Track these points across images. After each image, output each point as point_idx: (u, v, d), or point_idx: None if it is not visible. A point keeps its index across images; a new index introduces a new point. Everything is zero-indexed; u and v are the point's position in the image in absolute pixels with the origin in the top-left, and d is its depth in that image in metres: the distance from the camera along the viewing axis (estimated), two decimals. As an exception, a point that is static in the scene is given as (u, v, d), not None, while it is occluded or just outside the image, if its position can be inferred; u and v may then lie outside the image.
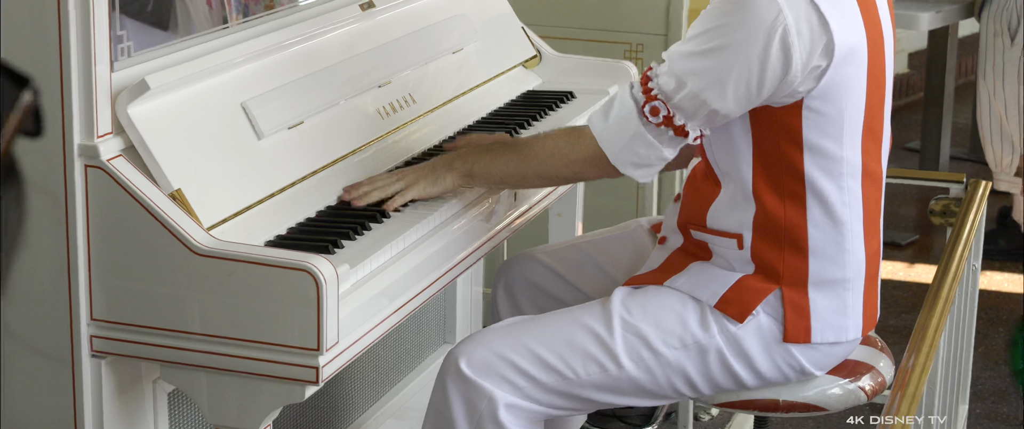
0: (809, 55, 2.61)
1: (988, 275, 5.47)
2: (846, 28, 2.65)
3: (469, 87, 3.44)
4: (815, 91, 2.67)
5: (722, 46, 2.62)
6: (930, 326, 2.79)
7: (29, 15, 2.47)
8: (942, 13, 5.66)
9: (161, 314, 2.51)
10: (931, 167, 6.41)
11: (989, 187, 3.62)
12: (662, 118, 2.67)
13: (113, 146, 2.50)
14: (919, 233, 5.90)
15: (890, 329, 4.87)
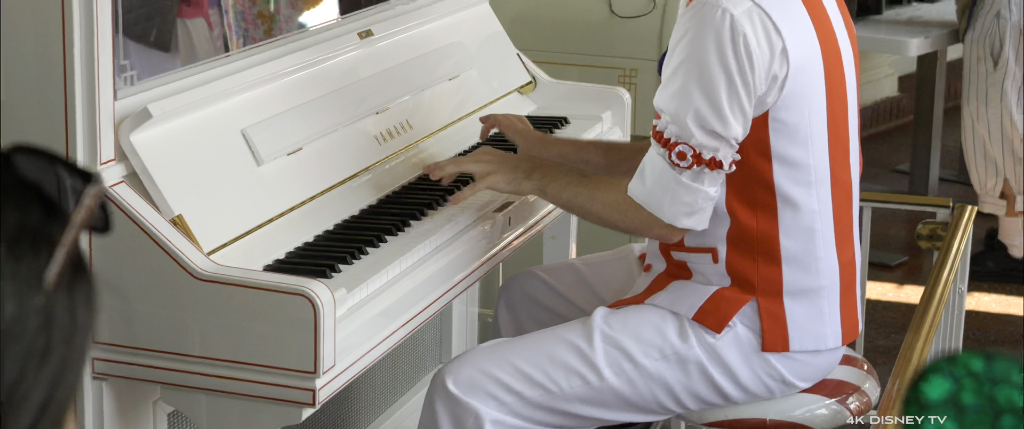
0: (767, 61, 2.67)
1: (976, 296, 5.48)
2: (799, 37, 2.71)
3: (465, 113, 3.45)
4: (779, 102, 2.71)
5: (703, 74, 2.66)
6: (915, 349, 2.81)
7: (33, 45, 2.49)
8: (930, 39, 5.68)
9: (162, 337, 2.52)
10: (921, 189, 6.42)
11: (975, 212, 3.63)
12: (691, 158, 2.68)
13: (116, 173, 2.52)
14: (908, 254, 5.91)
15: (880, 349, 4.89)
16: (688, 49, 2.68)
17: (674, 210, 2.73)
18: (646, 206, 2.75)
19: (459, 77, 3.49)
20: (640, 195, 2.75)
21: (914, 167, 6.53)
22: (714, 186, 2.73)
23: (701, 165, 2.68)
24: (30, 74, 2.51)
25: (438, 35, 3.49)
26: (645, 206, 2.75)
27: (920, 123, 6.48)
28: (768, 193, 2.78)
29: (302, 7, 3.33)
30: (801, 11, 2.74)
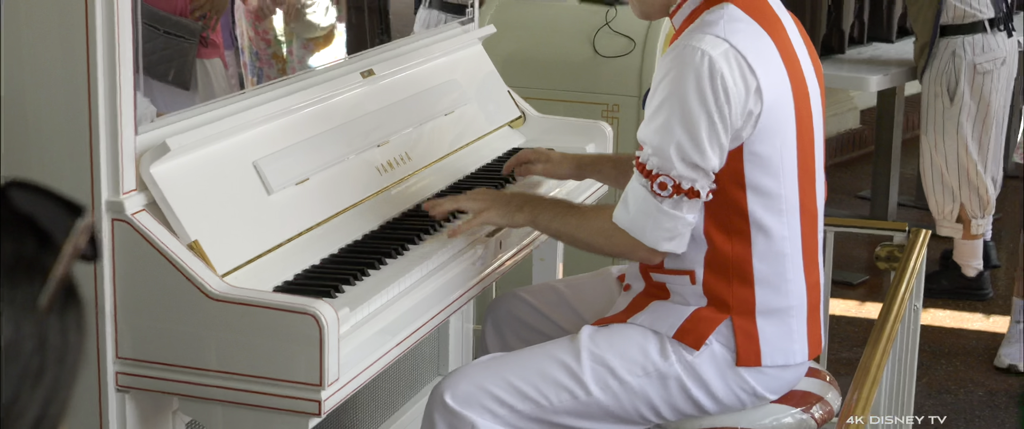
0: (743, 99, 2.67)
1: (932, 312, 5.48)
2: (771, 76, 2.72)
3: (460, 145, 3.45)
4: (753, 136, 2.71)
5: (683, 109, 2.66)
6: (873, 362, 2.81)
7: (62, 86, 2.49)
8: (889, 75, 5.69)
9: (180, 352, 2.52)
10: (881, 214, 6.43)
11: (928, 235, 3.64)
12: (672, 188, 2.68)
13: (137, 202, 2.51)
14: (870, 274, 5.92)
15: (843, 361, 4.88)
16: (670, 88, 2.68)
17: (656, 235, 2.72)
18: (630, 231, 2.74)
19: (455, 112, 3.49)
20: (625, 222, 2.75)
21: (875, 193, 6.54)
22: (692, 213, 2.72)
23: (680, 194, 2.68)
24: (59, 111, 2.51)
25: (435, 74, 3.49)
26: (629, 231, 2.74)
27: (880, 153, 6.49)
28: (742, 220, 2.78)
29: (313, 48, 3.34)
30: (773, 52, 2.74)
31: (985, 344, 5.27)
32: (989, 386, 4.93)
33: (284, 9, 3.27)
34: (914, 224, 3.89)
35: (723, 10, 2.73)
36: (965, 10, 5.30)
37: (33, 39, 2.50)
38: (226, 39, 3.13)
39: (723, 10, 2.73)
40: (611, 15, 4.44)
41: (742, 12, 2.73)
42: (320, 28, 3.35)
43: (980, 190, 5.57)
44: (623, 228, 2.75)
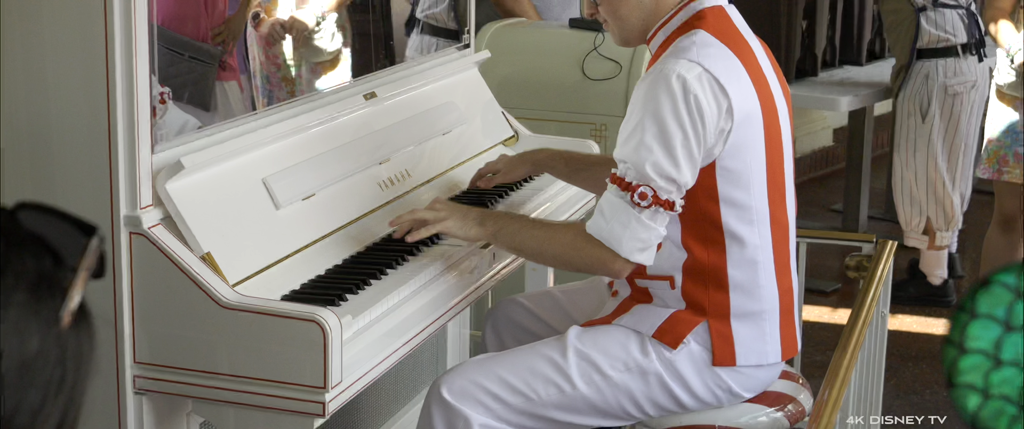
0: (716, 117, 2.68)
1: (900, 318, 5.49)
2: (742, 96, 2.72)
3: (457, 163, 3.45)
4: (725, 152, 2.72)
5: (659, 128, 2.67)
6: (842, 365, 2.81)
7: (84, 108, 2.50)
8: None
9: (194, 357, 2.52)
10: (852, 226, 6.43)
11: (895, 246, 3.64)
12: (651, 199, 2.68)
13: (153, 216, 2.52)
14: (842, 282, 5.92)
15: (817, 364, 4.88)
16: (647, 108, 2.69)
17: (631, 245, 2.71)
18: (606, 242, 2.72)
19: (452, 132, 3.49)
20: (601, 231, 2.73)
21: (846, 207, 6.54)
22: (663, 226, 2.72)
23: (658, 205, 2.68)
24: (81, 133, 2.51)
25: (434, 96, 3.50)
26: (605, 242, 2.72)
27: (851, 169, 6.50)
28: (717, 231, 2.79)
29: (320, 72, 3.35)
30: (743, 74, 2.75)
31: (950, 348, 5.26)
32: (953, 387, 4.92)
33: (293, 35, 3.27)
34: (882, 236, 3.89)
35: (695, 36, 2.74)
36: (940, 36, 5.32)
37: (57, 67, 2.51)
38: (240, 63, 3.14)
39: (695, 36, 2.74)
40: (599, 41, 4.44)
41: (713, 37, 2.75)
42: (326, 53, 3.35)
43: (946, 205, 5.58)
44: (598, 238, 2.73)
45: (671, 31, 2.80)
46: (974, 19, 5.40)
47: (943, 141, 5.47)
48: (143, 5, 2.46)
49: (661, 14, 2.82)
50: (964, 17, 5.35)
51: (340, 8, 3.38)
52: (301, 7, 3.27)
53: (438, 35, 3.82)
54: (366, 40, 3.57)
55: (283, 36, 3.25)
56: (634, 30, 2.87)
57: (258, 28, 3.20)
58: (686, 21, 2.79)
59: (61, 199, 2.54)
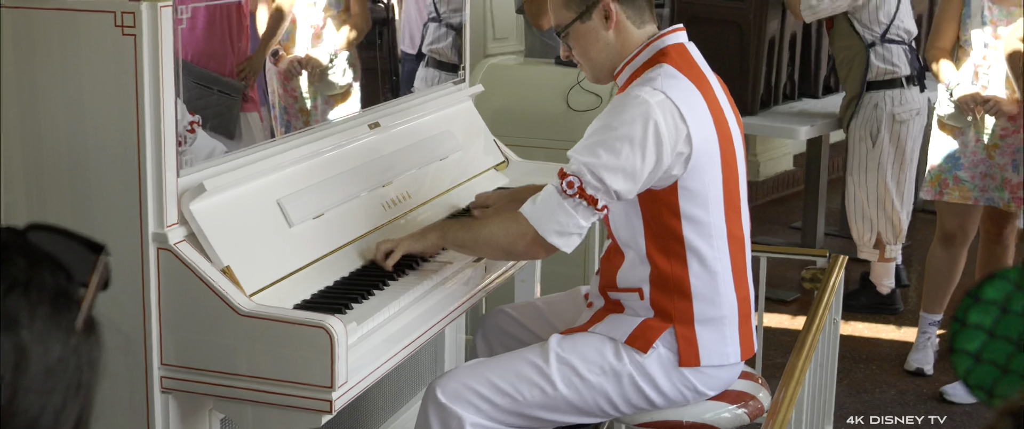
0: (675, 142, 2.68)
1: (852, 324, 5.48)
2: (700, 124, 2.73)
3: (453, 185, 3.45)
4: (685, 174, 2.73)
5: (610, 140, 2.67)
6: (797, 367, 2.82)
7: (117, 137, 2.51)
8: (816, 126, 5.70)
9: (214, 360, 2.53)
10: (810, 242, 6.42)
11: (846, 260, 3.64)
12: (577, 189, 2.68)
13: (178, 233, 2.52)
14: (800, 292, 5.92)
15: (778, 366, 4.87)
16: (607, 121, 2.71)
17: (549, 226, 2.71)
18: (529, 219, 2.73)
19: (449, 157, 3.50)
20: (528, 211, 2.74)
21: (805, 225, 6.53)
22: (586, 220, 2.71)
23: (582, 198, 2.68)
24: (114, 159, 2.52)
25: (432, 125, 3.50)
26: (529, 219, 2.73)
27: (809, 191, 6.49)
28: (679, 245, 2.79)
29: (333, 103, 3.35)
30: (702, 105, 2.76)
31: (897, 351, 5.27)
32: (900, 387, 4.93)
33: (308, 71, 3.28)
34: (836, 251, 3.89)
35: (661, 68, 2.75)
36: (887, 68, 5.33)
37: (93, 101, 2.51)
38: (261, 96, 3.14)
39: (661, 68, 2.75)
40: (581, 76, 4.45)
41: (677, 70, 2.76)
42: (338, 87, 3.36)
43: (894, 221, 5.59)
44: (525, 217, 2.74)
45: (636, 67, 2.81)
46: (916, 53, 5.42)
47: (892, 164, 5.48)
48: (169, 46, 2.47)
49: (626, 53, 2.83)
50: (908, 52, 5.36)
51: (350, 47, 3.38)
52: (316, 46, 3.27)
53: (442, 69, 3.83)
54: (373, 75, 3.58)
55: (300, 72, 3.25)
56: (603, 69, 2.88)
57: (277, 64, 3.20)
58: (651, 57, 2.80)
59: (97, 218, 2.55)
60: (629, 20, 2.81)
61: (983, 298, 1.23)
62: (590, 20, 2.81)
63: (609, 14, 2.79)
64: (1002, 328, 1.21)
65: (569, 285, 3.57)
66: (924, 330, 5.10)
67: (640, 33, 2.83)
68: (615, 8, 2.79)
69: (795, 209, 7.26)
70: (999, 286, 1.23)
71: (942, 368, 5.07)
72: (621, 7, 2.79)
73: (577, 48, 2.86)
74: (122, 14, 2.43)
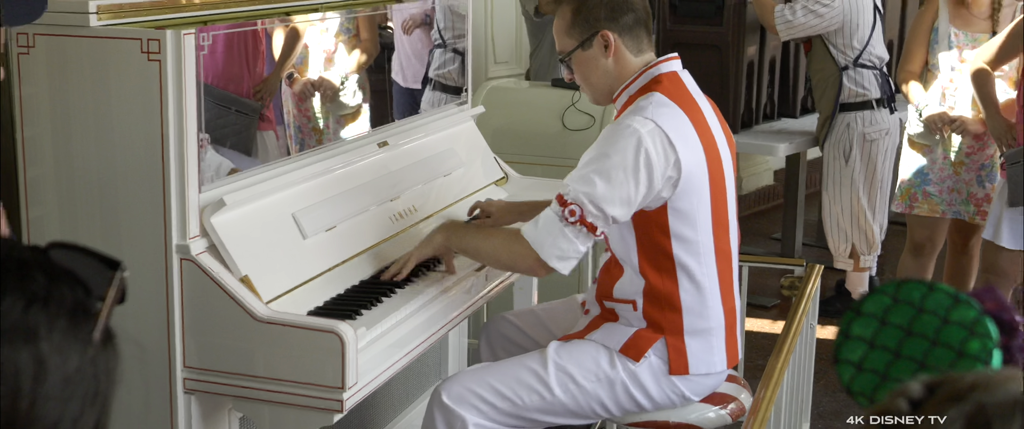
0: (664, 168, 2.68)
1: (828, 329, 5.46)
2: (688, 150, 2.72)
3: (456, 200, 3.45)
4: (674, 196, 2.71)
5: (605, 168, 2.67)
6: (776, 368, 2.81)
7: (143, 155, 2.51)
8: (794, 144, 5.70)
9: (234, 362, 2.53)
10: (789, 252, 6.42)
11: (821, 269, 3.64)
12: (578, 218, 2.67)
13: (200, 245, 2.52)
14: (780, 299, 5.91)
15: (758, 367, 4.85)
16: (602, 150, 2.70)
17: (550, 251, 2.70)
18: (532, 243, 2.71)
19: (452, 173, 3.50)
20: (530, 235, 2.73)
21: (784, 236, 6.53)
22: (584, 245, 2.70)
23: (583, 226, 2.67)
24: (141, 176, 2.52)
25: (436, 144, 3.50)
26: (531, 243, 2.72)
27: (788, 204, 6.49)
28: (669, 262, 2.78)
29: (344, 123, 3.35)
30: (691, 130, 2.75)
31: (870, 353, 5.25)
32: (873, 386, 4.91)
33: (321, 92, 3.28)
34: (813, 260, 3.89)
35: (652, 97, 2.75)
36: (858, 91, 5.33)
37: (121, 122, 2.52)
38: (276, 116, 3.15)
39: (652, 97, 2.75)
40: (576, 97, 4.46)
41: (667, 98, 2.75)
42: (349, 107, 3.36)
43: (867, 233, 5.58)
44: (527, 240, 2.73)
45: (633, 92, 2.81)
46: (886, 77, 5.42)
47: (863, 180, 5.48)
48: (191, 71, 2.47)
49: (624, 78, 2.83)
50: (878, 76, 5.36)
51: (360, 70, 3.39)
52: (328, 69, 3.28)
53: (447, 91, 3.84)
54: (382, 97, 3.58)
55: (313, 93, 3.26)
56: (602, 92, 2.88)
57: (292, 86, 3.21)
58: (645, 84, 2.80)
59: (124, 231, 2.55)
60: (627, 48, 2.81)
61: (864, 312, 1.26)
62: (591, 48, 2.82)
63: (608, 43, 2.80)
64: (881, 338, 1.24)
65: (565, 292, 3.57)
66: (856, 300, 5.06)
67: (637, 60, 2.83)
68: (613, 37, 2.79)
69: (775, 221, 7.26)
70: (878, 300, 1.25)
71: (912, 369, 5.05)
72: (619, 37, 2.80)
73: (579, 73, 2.87)
74: (148, 41, 2.44)
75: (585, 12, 2.81)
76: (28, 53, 2.55)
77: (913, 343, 1.22)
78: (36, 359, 0.86)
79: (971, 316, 1.19)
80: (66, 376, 0.88)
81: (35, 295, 0.88)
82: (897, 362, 1.22)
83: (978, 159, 4.84)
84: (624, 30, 2.81)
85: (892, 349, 1.22)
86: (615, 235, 2.82)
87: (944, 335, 1.20)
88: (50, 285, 0.90)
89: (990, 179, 4.84)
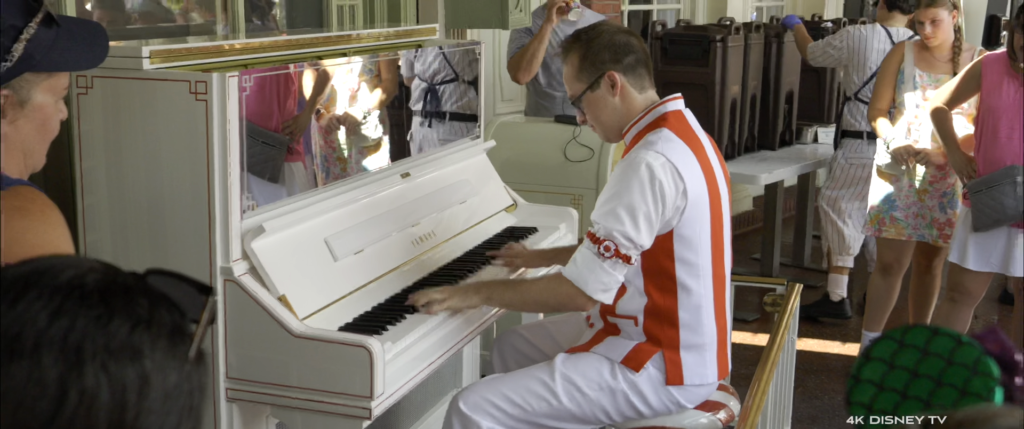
0: (674, 197, 2.68)
1: (804, 341, 5.45)
2: (694, 181, 2.72)
3: (470, 225, 3.45)
4: (680, 223, 2.71)
5: (629, 202, 2.67)
6: (762, 379, 2.80)
7: (189, 186, 2.51)
8: (773, 174, 5.70)
9: (272, 373, 2.52)
10: (767, 271, 6.42)
11: (801, 287, 3.63)
12: (613, 252, 2.68)
13: (242, 267, 2.52)
14: (760, 313, 5.90)
15: (743, 376, 4.84)
16: (621, 185, 2.69)
17: (595, 286, 2.70)
18: (576, 282, 2.71)
19: (467, 201, 3.50)
20: (573, 274, 2.73)
21: (763, 256, 6.53)
22: (621, 274, 2.71)
23: (618, 258, 2.68)
24: (187, 205, 2.52)
25: (453, 175, 3.50)
26: (575, 282, 2.71)
27: (767, 228, 6.49)
28: (671, 282, 2.77)
29: (366, 154, 3.35)
30: (694, 163, 2.75)
31: (842, 363, 5.25)
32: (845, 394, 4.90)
33: (346, 126, 3.28)
34: (791, 279, 3.88)
35: (660, 132, 2.75)
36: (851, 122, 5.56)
37: (169, 155, 2.52)
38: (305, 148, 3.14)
39: (660, 132, 2.75)
40: (577, 132, 4.46)
41: (674, 134, 2.75)
42: (371, 140, 3.36)
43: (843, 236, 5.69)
44: (570, 279, 2.72)
45: (641, 128, 2.81)
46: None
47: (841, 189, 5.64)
48: (234, 110, 2.47)
49: (631, 115, 2.83)
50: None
51: (382, 106, 3.39)
52: (352, 105, 3.28)
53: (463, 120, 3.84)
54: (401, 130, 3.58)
55: (338, 127, 3.26)
56: (612, 129, 2.88)
57: (319, 121, 3.21)
58: (653, 121, 2.80)
59: (172, 255, 2.54)
60: (631, 86, 2.82)
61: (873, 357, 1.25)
62: (599, 89, 2.82)
63: (614, 83, 2.80)
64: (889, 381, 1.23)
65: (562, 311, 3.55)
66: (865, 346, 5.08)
67: (642, 98, 2.83)
68: (618, 78, 2.80)
69: (754, 243, 7.25)
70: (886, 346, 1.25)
71: (881, 378, 5.04)
72: (624, 76, 2.80)
73: (590, 113, 2.87)
74: (196, 83, 2.44)
75: (591, 57, 2.81)
76: (86, 93, 2.56)
77: (920, 384, 1.21)
78: (141, 376, 0.87)
79: (973, 356, 1.18)
80: (166, 391, 0.88)
81: (140, 318, 0.89)
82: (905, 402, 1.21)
83: (940, 187, 4.84)
84: (627, 70, 2.81)
85: (900, 390, 1.21)
86: None
87: (948, 376, 1.19)
88: (152, 308, 0.90)
89: (952, 206, 4.84)
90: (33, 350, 0.84)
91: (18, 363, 0.83)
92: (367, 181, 3.07)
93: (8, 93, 1.55)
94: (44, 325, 0.85)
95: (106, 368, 0.85)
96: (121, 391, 0.86)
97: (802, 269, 6.65)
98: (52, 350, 0.84)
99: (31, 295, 0.86)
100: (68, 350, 0.85)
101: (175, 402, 0.89)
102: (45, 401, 0.83)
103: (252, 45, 2.83)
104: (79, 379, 0.84)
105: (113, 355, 0.86)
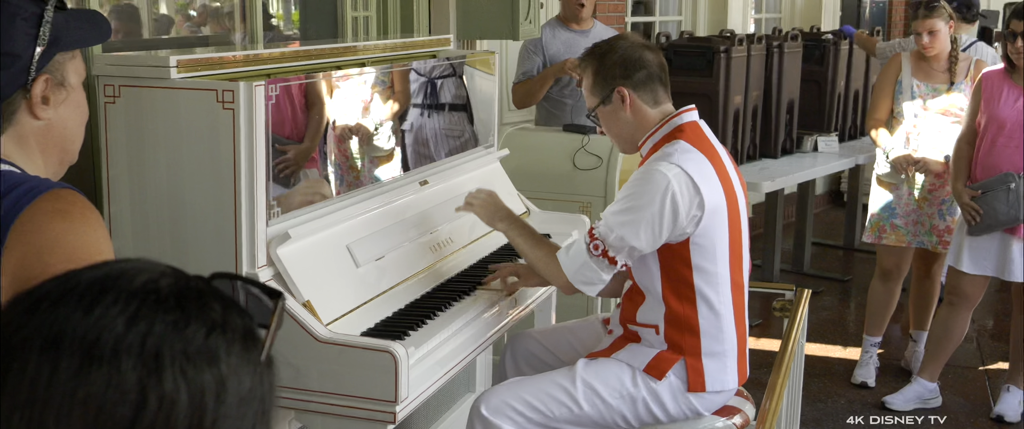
0: (689, 207, 2.65)
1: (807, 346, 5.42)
2: (711, 190, 2.69)
3: (486, 232, 3.42)
4: (697, 232, 2.68)
5: (635, 206, 2.65)
6: (777, 384, 2.76)
7: (214, 193, 2.48)
8: (774, 182, 5.68)
9: (296, 377, 2.49)
10: (768, 277, 6.40)
11: (809, 293, 3.60)
12: (601, 252, 2.68)
13: (267, 273, 2.49)
14: (761, 318, 5.88)
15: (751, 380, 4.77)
16: (635, 190, 2.68)
17: (577, 276, 2.74)
18: (562, 265, 2.77)
19: (481, 209, 3.47)
20: (562, 260, 2.77)
21: (764, 262, 6.51)
22: (607, 273, 2.73)
23: (604, 257, 2.69)
24: (212, 211, 2.49)
25: (468, 183, 3.47)
26: (561, 265, 2.77)
27: (768, 234, 6.47)
28: (690, 290, 2.74)
29: (379, 163, 3.32)
30: (711, 173, 2.72)
31: (844, 367, 5.23)
32: (848, 397, 4.89)
33: (359, 137, 3.25)
34: (790, 284, 3.85)
35: (677, 144, 2.73)
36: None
37: (197, 164, 2.49)
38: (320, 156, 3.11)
39: (677, 144, 2.73)
40: (586, 141, 4.44)
41: (690, 145, 2.73)
42: (383, 150, 3.33)
43: None
44: (559, 261, 2.77)
45: (657, 140, 2.79)
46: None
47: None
48: (260, 118, 2.44)
49: (645, 127, 2.81)
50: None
51: (393, 117, 3.36)
52: (365, 116, 3.25)
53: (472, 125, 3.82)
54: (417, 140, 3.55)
55: (352, 137, 3.23)
56: (626, 140, 2.87)
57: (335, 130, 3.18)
58: (669, 133, 2.78)
59: (197, 261, 2.51)
60: (643, 101, 2.80)
61: None
62: (610, 103, 2.81)
63: (624, 98, 2.80)
64: None
65: (580, 312, 3.53)
66: (866, 350, 5.06)
67: (656, 111, 2.82)
68: (628, 93, 2.79)
69: (756, 249, 7.21)
70: None
71: (882, 380, 5.02)
72: (634, 91, 2.79)
73: (605, 125, 2.88)
74: (223, 91, 2.41)
75: (603, 72, 2.82)
76: (114, 103, 2.52)
77: None
78: (218, 380, 0.84)
79: None
80: (241, 396, 0.85)
81: (214, 322, 0.86)
82: None
83: (939, 195, 4.82)
84: (638, 85, 2.80)
85: None
86: (640, 267, 2.78)
87: None
88: (225, 313, 0.87)
89: (950, 213, 4.82)
90: (112, 356, 0.81)
91: (97, 369, 0.81)
92: (388, 188, 3.04)
93: (48, 77, 1.53)
94: (122, 330, 0.82)
95: (184, 373, 0.83)
96: (199, 396, 0.83)
97: (802, 275, 6.62)
98: (131, 356, 0.81)
99: (107, 300, 0.83)
100: (147, 356, 0.82)
101: (249, 406, 0.87)
102: (125, 407, 0.80)
103: (275, 55, 2.80)
104: (158, 384, 0.82)
105: (191, 360, 0.83)
